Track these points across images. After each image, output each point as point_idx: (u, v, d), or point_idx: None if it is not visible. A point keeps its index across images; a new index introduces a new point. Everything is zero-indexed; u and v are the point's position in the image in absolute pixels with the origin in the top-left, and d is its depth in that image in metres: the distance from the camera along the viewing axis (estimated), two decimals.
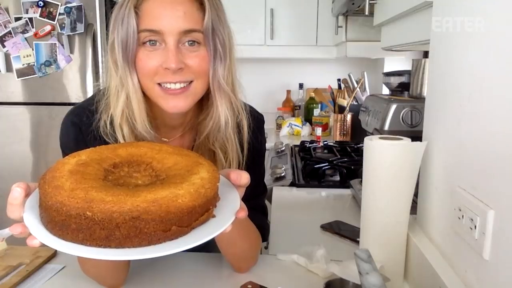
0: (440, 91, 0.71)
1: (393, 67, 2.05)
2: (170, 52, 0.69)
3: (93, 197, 0.46)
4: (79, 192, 0.47)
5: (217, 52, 0.73)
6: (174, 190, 0.49)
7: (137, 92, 0.73)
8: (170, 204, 0.47)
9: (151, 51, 0.71)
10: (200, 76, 0.73)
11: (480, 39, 0.57)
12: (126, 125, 0.74)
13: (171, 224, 0.47)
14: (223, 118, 0.77)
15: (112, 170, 0.54)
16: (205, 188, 0.51)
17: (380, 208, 0.74)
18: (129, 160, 0.56)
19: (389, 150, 0.71)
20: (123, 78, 0.72)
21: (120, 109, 0.74)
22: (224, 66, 0.74)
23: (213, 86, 0.75)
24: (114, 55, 0.73)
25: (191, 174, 0.53)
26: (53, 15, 2.02)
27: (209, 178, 0.53)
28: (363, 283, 0.55)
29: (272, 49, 2.50)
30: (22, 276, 0.80)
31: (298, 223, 1.15)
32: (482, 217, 0.53)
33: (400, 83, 1.24)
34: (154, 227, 0.46)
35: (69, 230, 0.46)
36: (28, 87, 2.11)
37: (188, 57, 0.71)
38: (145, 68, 0.71)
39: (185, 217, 0.48)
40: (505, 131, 0.50)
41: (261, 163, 0.93)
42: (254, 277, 0.79)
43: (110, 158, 0.55)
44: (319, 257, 0.82)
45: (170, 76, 0.70)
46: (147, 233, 0.46)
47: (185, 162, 0.56)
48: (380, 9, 1.21)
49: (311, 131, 2.60)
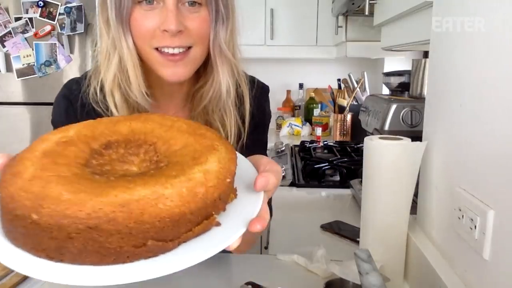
0: (440, 91, 0.71)
1: (393, 67, 2.05)
2: (170, 12, 0.63)
3: (48, 193, 0.34)
4: (36, 183, 0.35)
5: (219, 13, 0.67)
6: (158, 189, 0.35)
7: (132, 55, 0.66)
8: (145, 210, 0.34)
9: (148, 11, 0.64)
10: (200, 41, 0.67)
11: (480, 39, 0.57)
12: (118, 92, 0.68)
13: (145, 238, 0.34)
14: (224, 86, 0.71)
15: (101, 151, 0.42)
16: (207, 186, 0.38)
17: (380, 208, 0.74)
18: (129, 138, 0.44)
19: (389, 150, 0.71)
20: (116, 39, 0.66)
21: (112, 74, 0.67)
22: (226, 29, 0.68)
23: (213, 51, 0.69)
24: (105, 13, 0.66)
25: (195, 163, 0.40)
26: (53, 15, 2.02)
27: (217, 172, 0.39)
28: (363, 283, 0.55)
29: (272, 49, 2.50)
30: (22, 276, 0.80)
31: (298, 223, 1.15)
32: (482, 217, 0.53)
33: (400, 83, 1.24)
34: (119, 241, 0.33)
35: (17, 234, 0.35)
36: (28, 87, 2.11)
37: (189, 18, 0.65)
38: (141, 29, 0.65)
39: (169, 228, 0.35)
40: (505, 131, 0.50)
41: (263, 133, 0.86)
42: (254, 277, 0.79)
43: (105, 135, 0.44)
44: (319, 257, 0.82)
45: (169, 39, 0.64)
46: (110, 248, 0.33)
47: (196, 145, 0.43)
48: (380, 9, 1.21)
49: (311, 131, 2.60)
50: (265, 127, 0.87)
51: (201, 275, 0.83)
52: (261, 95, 0.82)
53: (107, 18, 0.66)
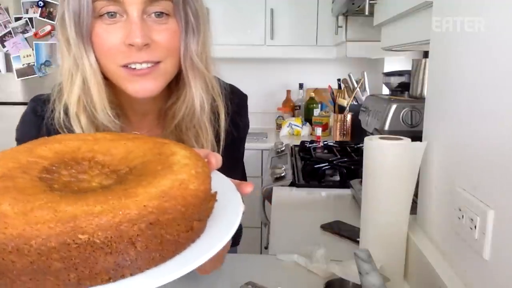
0: (440, 91, 0.71)
1: (393, 67, 2.05)
2: (134, 24, 0.58)
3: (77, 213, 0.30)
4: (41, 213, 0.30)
5: (189, 24, 0.62)
6: (174, 176, 0.36)
7: (96, 74, 0.62)
8: (184, 194, 0.34)
9: (110, 25, 0.59)
10: (170, 54, 0.63)
11: (480, 39, 0.57)
12: (83, 115, 0.63)
13: (192, 220, 0.35)
14: (197, 101, 0.67)
15: (48, 177, 0.38)
16: (201, 167, 0.39)
17: (380, 208, 0.74)
18: (61, 160, 0.40)
19: (389, 150, 0.71)
20: (77, 58, 0.61)
21: (76, 96, 0.63)
22: (197, 41, 0.64)
23: (185, 64, 0.65)
24: (65, 32, 0.61)
25: (167, 156, 0.39)
26: (53, 15, 2.03)
27: (193, 156, 0.40)
28: (363, 283, 0.55)
29: (272, 49, 2.50)
30: None
31: (298, 223, 1.15)
32: (482, 217, 0.53)
33: (400, 83, 1.24)
34: (175, 227, 0.34)
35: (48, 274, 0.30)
36: (28, 87, 2.11)
37: (155, 31, 0.60)
38: (104, 45, 0.60)
39: (203, 207, 0.37)
40: (505, 131, 0.50)
41: (239, 148, 0.82)
42: (254, 277, 0.79)
43: (33, 162, 0.39)
44: (319, 257, 0.82)
45: (135, 54, 0.59)
46: (171, 240, 0.34)
47: (143, 145, 0.42)
48: (380, 9, 1.21)
49: (311, 131, 2.60)
50: (242, 141, 0.83)
51: (201, 275, 0.83)
52: (238, 106, 0.77)
53: (67, 37, 0.61)
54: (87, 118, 0.63)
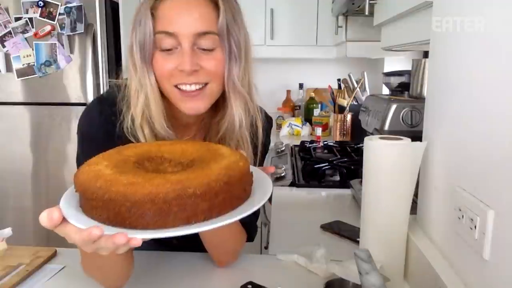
0: (440, 91, 0.71)
1: (393, 67, 2.05)
2: (185, 54, 0.71)
3: (182, 178, 0.49)
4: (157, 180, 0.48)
5: (232, 53, 0.74)
6: (231, 157, 0.55)
7: (155, 92, 0.75)
8: (238, 167, 0.53)
9: (168, 54, 0.73)
10: (216, 78, 0.75)
11: (480, 39, 0.57)
12: (146, 125, 0.76)
13: (245, 185, 0.54)
14: (237, 119, 0.79)
15: (140, 166, 0.56)
16: (240, 155, 0.57)
17: (380, 208, 0.74)
18: (142, 157, 0.58)
19: (389, 150, 0.72)
20: (141, 79, 0.74)
21: (140, 110, 0.75)
22: (239, 67, 0.76)
23: (228, 87, 0.76)
24: (133, 58, 0.75)
25: (215, 150, 0.58)
26: (53, 15, 2.02)
27: (232, 150, 0.59)
28: (363, 283, 0.55)
29: (272, 49, 2.50)
30: (22, 276, 0.80)
31: (298, 223, 1.15)
32: (482, 217, 0.53)
33: (400, 83, 1.24)
34: (236, 187, 0.52)
35: (170, 214, 0.48)
36: (28, 87, 2.11)
37: (203, 59, 0.73)
38: (162, 70, 0.73)
39: (249, 178, 0.56)
40: (505, 131, 0.50)
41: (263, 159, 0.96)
42: (254, 277, 0.79)
43: (126, 159, 0.56)
44: (319, 257, 0.82)
45: (185, 77, 0.72)
46: (236, 195, 0.52)
47: (193, 145, 0.61)
48: (380, 9, 1.21)
49: (311, 131, 2.60)
50: (267, 153, 0.97)
51: (201, 275, 0.84)
52: (268, 127, 0.91)
53: (134, 62, 0.74)
54: (149, 128, 0.76)
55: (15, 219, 2.20)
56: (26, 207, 2.20)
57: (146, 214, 0.47)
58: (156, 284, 0.80)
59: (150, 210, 0.47)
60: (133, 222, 0.47)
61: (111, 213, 0.48)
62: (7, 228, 0.91)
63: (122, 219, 0.48)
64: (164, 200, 0.47)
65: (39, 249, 0.90)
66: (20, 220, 2.19)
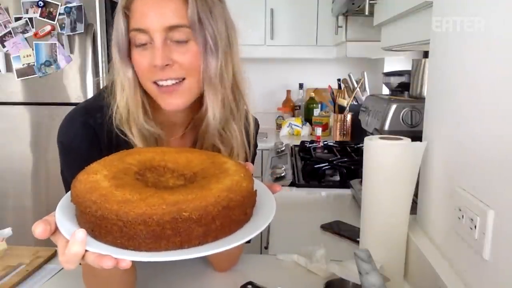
0: (440, 91, 0.71)
1: (393, 67, 2.05)
2: (156, 49, 0.70)
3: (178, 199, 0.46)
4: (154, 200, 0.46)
5: (207, 46, 0.71)
6: (235, 176, 0.52)
7: (132, 89, 0.75)
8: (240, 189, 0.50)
9: (142, 51, 0.72)
10: (192, 72, 0.72)
11: (480, 39, 0.57)
12: (133, 122, 0.75)
13: (246, 207, 0.51)
14: (211, 114, 0.76)
15: (141, 178, 0.54)
16: (245, 172, 0.54)
17: (380, 208, 0.74)
18: (145, 166, 0.56)
19: (389, 150, 0.71)
20: (122, 77, 0.75)
21: (124, 106, 0.75)
22: (217, 60, 0.72)
23: (204, 82, 0.74)
24: (114, 57, 0.76)
25: (220, 164, 0.55)
26: (53, 15, 2.02)
27: (238, 164, 0.56)
28: (363, 283, 0.55)
29: (272, 49, 2.50)
30: (22, 276, 0.80)
31: (298, 223, 1.15)
32: (482, 217, 0.53)
33: (400, 83, 1.24)
34: (237, 211, 0.49)
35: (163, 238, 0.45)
36: (28, 87, 2.11)
37: (177, 52, 0.71)
38: (139, 67, 0.73)
39: (251, 199, 0.53)
40: (505, 131, 0.50)
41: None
42: (254, 277, 0.79)
43: (127, 168, 0.54)
44: (319, 257, 0.82)
45: (160, 73, 0.71)
46: (235, 219, 0.49)
47: (199, 156, 0.58)
48: (380, 9, 1.21)
49: (311, 131, 2.60)
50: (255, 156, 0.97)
51: (201, 275, 0.84)
52: (255, 130, 0.90)
53: (114, 60, 0.76)
54: (135, 125, 0.75)
55: (15, 219, 2.20)
56: (26, 207, 2.19)
57: (138, 235, 0.45)
58: (156, 284, 0.80)
59: (142, 231, 0.45)
60: (125, 242, 0.46)
61: (103, 231, 0.46)
62: (7, 228, 0.91)
63: (114, 238, 0.46)
64: (158, 222, 0.45)
65: (39, 249, 0.90)
66: (20, 220, 2.19)
